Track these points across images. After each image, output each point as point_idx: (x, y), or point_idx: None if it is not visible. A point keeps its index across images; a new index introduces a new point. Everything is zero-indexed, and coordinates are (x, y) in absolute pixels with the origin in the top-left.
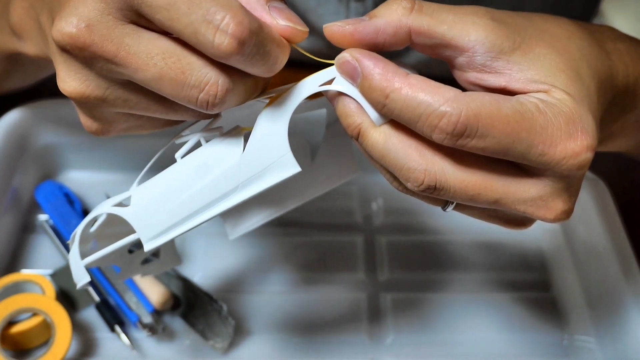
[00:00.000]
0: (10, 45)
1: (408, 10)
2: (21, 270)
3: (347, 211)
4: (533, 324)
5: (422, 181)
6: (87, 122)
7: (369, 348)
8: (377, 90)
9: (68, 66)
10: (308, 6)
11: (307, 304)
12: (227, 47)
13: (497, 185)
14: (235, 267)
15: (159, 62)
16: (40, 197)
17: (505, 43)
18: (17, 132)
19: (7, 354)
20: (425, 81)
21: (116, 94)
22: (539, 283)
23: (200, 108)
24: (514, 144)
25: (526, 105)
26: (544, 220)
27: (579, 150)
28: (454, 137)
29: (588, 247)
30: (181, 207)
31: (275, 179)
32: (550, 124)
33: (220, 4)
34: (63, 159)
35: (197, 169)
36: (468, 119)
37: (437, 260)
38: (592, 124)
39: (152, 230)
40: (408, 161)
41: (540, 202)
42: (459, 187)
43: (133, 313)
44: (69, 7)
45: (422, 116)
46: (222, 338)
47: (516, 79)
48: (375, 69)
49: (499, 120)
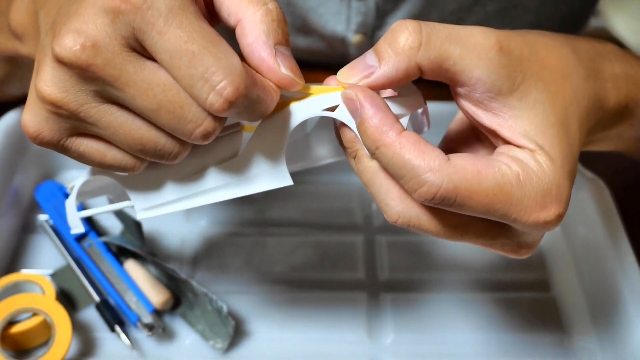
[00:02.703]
0: (10, 46)
1: (416, 48)
2: (21, 270)
3: (347, 211)
4: (533, 324)
5: (396, 220)
6: (40, 126)
7: (368, 348)
8: (370, 139)
9: (57, 73)
10: (309, 6)
11: (307, 304)
12: (218, 107)
13: (468, 235)
14: (235, 267)
15: (158, 94)
16: (40, 197)
17: (505, 84)
18: (17, 132)
19: (7, 354)
20: (415, 143)
21: (91, 112)
22: (539, 283)
23: (193, 141)
24: (489, 212)
25: (507, 176)
26: (511, 256)
27: (550, 219)
28: (432, 203)
29: (588, 247)
30: (176, 189)
31: (265, 187)
32: (527, 196)
33: (221, 65)
34: (63, 159)
35: (195, 156)
36: (447, 192)
37: (437, 260)
38: (568, 191)
39: (146, 202)
40: (387, 198)
41: (506, 247)
42: (432, 232)
43: (133, 313)
44: (76, 22)
45: (405, 177)
46: (222, 338)
47: (508, 126)
48: (373, 118)
49: (477, 194)
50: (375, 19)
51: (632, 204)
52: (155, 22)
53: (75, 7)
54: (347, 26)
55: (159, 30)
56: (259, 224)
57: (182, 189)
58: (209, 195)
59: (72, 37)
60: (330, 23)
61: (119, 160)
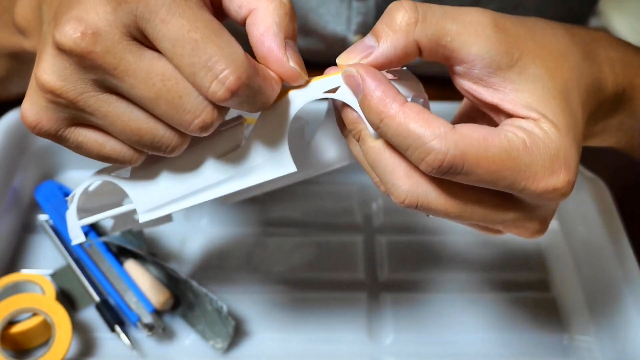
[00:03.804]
0: (13, 42)
1: (413, 24)
2: (21, 270)
3: (347, 211)
4: (533, 324)
5: (404, 200)
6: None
7: (368, 348)
8: (373, 112)
9: (57, 62)
10: (309, 6)
11: (307, 304)
12: (220, 96)
13: (478, 211)
14: (235, 267)
15: (157, 83)
16: (40, 197)
17: (504, 59)
18: (17, 132)
19: (7, 354)
20: (419, 113)
21: (89, 102)
22: (538, 283)
23: (192, 132)
24: (497, 181)
25: (513, 142)
26: (521, 236)
27: (560, 186)
28: (440, 172)
29: (588, 246)
30: (178, 186)
31: (270, 175)
32: (535, 162)
33: (224, 54)
34: (63, 159)
35: (197, 151)
36: (454, 159)
37: (437, 260)
38: (575, 158)
39: (148, 203)
40: (394, 178)
41: (517, 223)
42: (441, 210)
43: (133, 313)
44: (78, 10)
45: (411, 148)
46: (222, 338)
47: (509, 99)
48: (375, 91)
49: (484, 160)
50: (376, 19)
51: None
52: (158, 11)
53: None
54: (347, 27)
55: (162, 19)
56: (259, 224)
57: (184, 187)
58: (214, 190)
59: (72, 24)
60: (331, 24)
61: (118, 151)
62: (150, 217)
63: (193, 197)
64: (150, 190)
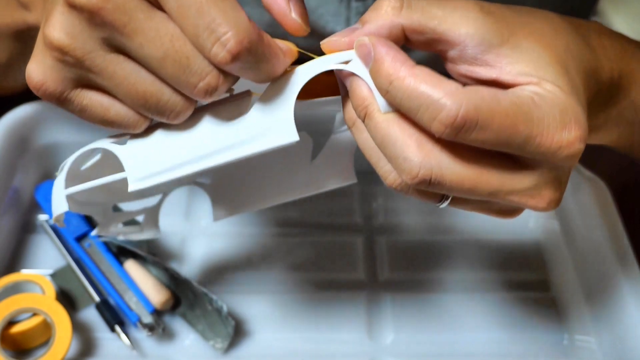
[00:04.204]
0: (17, 18)
1: (398, 9)
2: (21, 270)
3: (347, 211)
4: (533, 323)
5: (417, 174)
6: (45, 75)
7: (368, 348)
8: (383, 75)
9: (66, 18)
10: (308, 6)
11: (307, 304)
12: (221, 58)
13: (493, 179)
14: (235, 267)
15: (165, 43)
16: (40, 197)
17: (495, 37)
18: (17, 132)
19: (7, 354)
20: (429, 74)
21: (97, 61)
22: (538, 282)
23: (196, 96)
24: (512, 136)
25: (522, 98)
26: (536, 209)
27: (573, 140)
28: (454, 130)
29: (588, 246)
30: (174, 153)
31: (272, 143)
32: (547, 115)
33: (227, 17)
34: (63, 159)
35: (199, 121)
36: (468, 113)
37: (437, 260)
38: (583, 114)
39: (141, 171)
40: (405, 151)
41: (533, 192)
42: (455, 181)
43: (133, 313)
44: None
45: (422, 107)
46: (222, 338)
47: (507, 71)
48: (386, 55)
49: (498, 113)
50: None
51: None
52: None
53: None
54: (346, 27)
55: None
56: (259, 224)
57: (181, 154)
58: (213, 157)
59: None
60: (330, 24)
61: (122, 116)
62: (142, 185)
63: (189, 165)
64: (145, 157)
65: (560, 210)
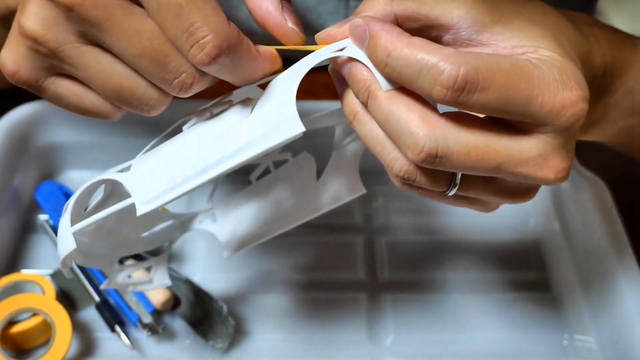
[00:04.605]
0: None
1: None
2: (21, 270)
3: (347, 211)
4: (533, 323)
5: (423, 148)
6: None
7: (368, 348)
8: (381, 48)
9: (42, 10)
10: (307, 5)
11: (307, 304)
12: (199, 60)
13: (499, 148)
14: (235, 267)
15: (144, 41)
16: (40, 197)
17: (487, 17)
18: (17, 132)
19: (7, 354)
20: (425, 42)
21: (71, 53)
22: (538, 282)
23: (172, 90)
24: (515, 96)
25: (521, 60)
26: (546, 182)
27: (576, 99)
28: (455, 93)
29: (588, 246)
30: (180, 169)
31: (279, 139)
32: (547, 75)
33: (207, 21)
34: (63, 159)
35: (201, 134)
36: (468, 73)
37: (437, 260)
38: (582, 75)
39: (148, 193)
40: (410, 125)
41: (540, 161)
42: (462, 153)
43: (133, 313)
44: None
45: (422, 72)
46: (222, 338)
47: (502, 47)
48: (381, 30)
49: (498, 73)
50: None
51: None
52: None
53: None
54: None
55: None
56: None
57: (188, 168)
58: (221, 165)
59: None
60: (329, 22)
61: (97, 106)
62: (151, 207)
63: (198, 177)
64: (150, 179)
65: (560, 210)
